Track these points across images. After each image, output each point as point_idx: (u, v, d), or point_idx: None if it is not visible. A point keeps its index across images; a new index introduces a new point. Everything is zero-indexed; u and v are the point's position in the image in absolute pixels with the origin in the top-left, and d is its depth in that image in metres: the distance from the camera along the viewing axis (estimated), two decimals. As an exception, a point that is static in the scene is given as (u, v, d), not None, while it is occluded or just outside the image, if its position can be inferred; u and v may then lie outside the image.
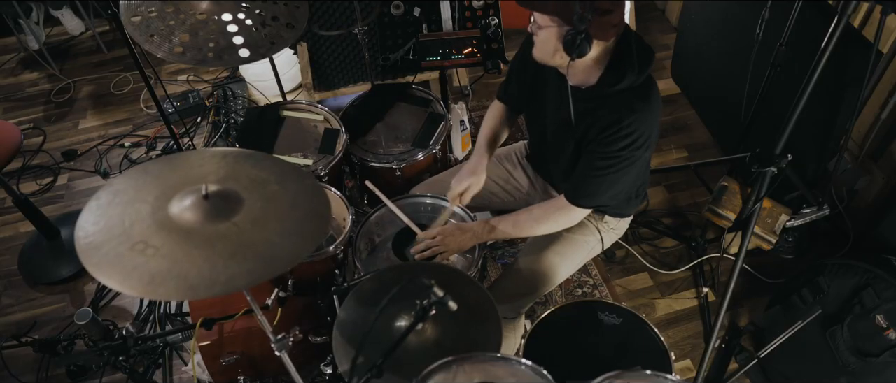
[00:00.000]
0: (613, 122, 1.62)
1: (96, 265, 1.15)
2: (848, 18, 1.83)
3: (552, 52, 1.59)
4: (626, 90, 1.61)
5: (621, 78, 1.59)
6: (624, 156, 1.65)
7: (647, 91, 1.64)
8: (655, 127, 1.68)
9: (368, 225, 2.02)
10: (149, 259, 1.16)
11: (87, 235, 1.20)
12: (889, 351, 1.92)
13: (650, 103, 1.64)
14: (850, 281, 2.05)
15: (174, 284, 1.13)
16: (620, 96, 1.62)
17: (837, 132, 2.27)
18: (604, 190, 1.73)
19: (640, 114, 1.61)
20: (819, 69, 1.92)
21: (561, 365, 1.51)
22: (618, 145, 1.63)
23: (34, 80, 3.62)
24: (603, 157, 1.67)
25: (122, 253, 1.16)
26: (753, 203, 2.27)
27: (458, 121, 2.72)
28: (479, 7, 2.55)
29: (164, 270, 1.14)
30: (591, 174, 1.71)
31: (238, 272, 1.16)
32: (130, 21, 1.90)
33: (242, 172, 1.37)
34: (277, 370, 2.16)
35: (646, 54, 1.62)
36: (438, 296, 1.33)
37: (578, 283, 2.64)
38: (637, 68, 1.58)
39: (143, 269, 1.14)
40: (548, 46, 1.59)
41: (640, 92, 1.63)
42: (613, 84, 1.61)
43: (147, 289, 1.13)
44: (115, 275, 1.14)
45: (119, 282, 1.13)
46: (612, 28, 1.54)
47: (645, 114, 1.62)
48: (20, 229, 2.92)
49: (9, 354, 2.47)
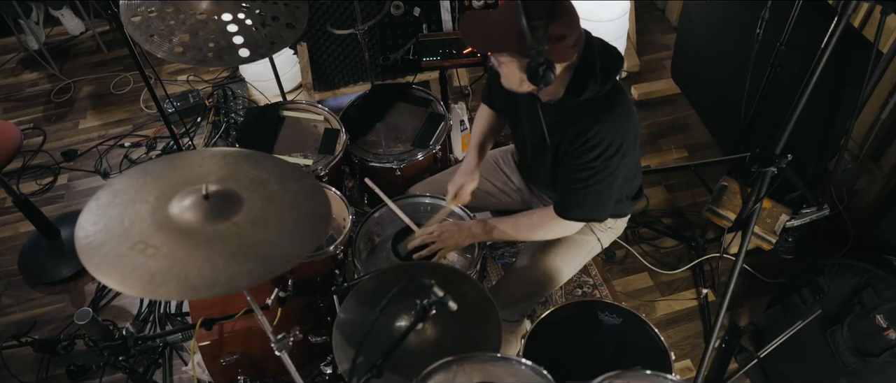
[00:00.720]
0: (580, 134, 1.62)
1: (96, 265, 1.15)
2: (848, 18, 1.83)
3: (518, 82, 1.60)
4: (588, 101, 1.60)
5: (583, 89, 1.58)
6: (598, 167, 1.64)
7: (611, 100, 1.62)
8: (627, 134, 1.65)
9: (368, 225, 2.02)
10: (149, 259, 1.16)
11: (87, 235, 1.20)
12: (889, 351, 1.92)
13: (614, 112, 1.62)
14: (850, 281, 2.05)
15: (175, 284, 1.13)
16: (584, 107, 1.61)
17: (837, 132, 2.27)
18: (589, 202, 1.71)
19: (604, 123, 1.60)
20: (819, 69, 1.92)
21: (561, 365, 1.51)
22: (588, 156, 1.63)
23: (34, 80, 3.62)
24: (578, 169, 1.66)
25: (123, 253, 1.16)
26: (753, 203, 2.27)
27: (458, 121, 2.72)
28: (478, 7, 2.55)
29: (164, 270, 1.14)
30: (571, 187, 1.71)
31: (239, 272, 1.16)
32: (130, 21, 1.90)
33: (242, 172, 1.37)
34: (277, 370, 2.16)
35: (610, 63, 1.60)
36: (438, 296, 1.33)
37: (578, 283, 2.64)
38: (600, 78, 1.57)
39: (143, 269, 1.14)
40: (513, 78, 1.60)
41: (603, 102, 1.61)
42: (576, 96, 1.60)
43: (147, 289, 1.13)
44: (115, 274, 1.13)
45: (119, 282, 1.13)
46: (571, 48, 1.53)
47: (610, 124, 1.61)
48: (20, 229, 2.92)
49: (9, 354, 2.48)
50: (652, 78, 3.40)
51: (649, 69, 3.45)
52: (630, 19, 3.26)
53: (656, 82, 3.36)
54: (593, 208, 1.74)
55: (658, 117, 3.25)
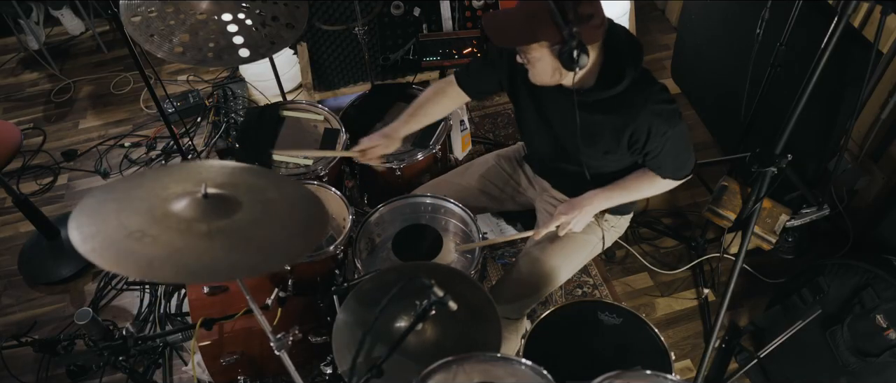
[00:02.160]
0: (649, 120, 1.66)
1: (92, 250, 1.13)
2: (848, 18, 1.83)
3: (551, 73, 1.61)
4: (632, 86, 1.64)
5: (622, 76, 1.61)
6: (681, 128, 1.72)
7: (647, 77, 1.69)
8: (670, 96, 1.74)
9: (368, 225, 2.02)
10: (146, 246, 1.15)
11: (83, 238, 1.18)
12: (889, 351, 1.92)
13: (657, 84, 1.70)
14: (850, 281, 2.05)
15: (172, 269, 1.12)
16: (633, 94, 1.65)
17: (837, 132, 2.27)
18: (686, 156, 1.80)
19: (660, 94, 1.68)
20: (819, 69, 1.91)
21: (561, 365, 1.51)
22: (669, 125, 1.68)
23: (34, 80, 3.62)
24: (668, 139, 1.70)
25: (119, 239, 1.15)
26: (753, 203, 2.27)
27: (458, 121, 2.72)
28: (479, 7, 2.56)
29: (162, 256, 1.14)
30: (673, 153, 1.76)
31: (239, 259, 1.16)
32: (130, 21, 1.90)
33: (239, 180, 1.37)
34: (277, 370, 2.17)
35: (637, 48, 1.66)
36: (438, 296, 1.33)
37: (578, 283, 2.64)
38: (633, 63, 1.62)
39: (139, 255, 1.13)
40: (545, 70, 1.61)
41: (643, 81, 1.67)
42: (616, 84, 1.62)
43: (144, 271, 1.11)
44: (111, 257, 1.12)
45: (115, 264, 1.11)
46: (599, 28, 1.55)
47: (661, 93, 1.69)
48: (20, 229, 2.92)
49: (9, 354, 2.48)
50: (652, 78, 3.40)
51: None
52: (630, 19, 3.26)
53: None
54: (690, 160, 1.82)
55: (658, 117, 3.25)
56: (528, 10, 1.53)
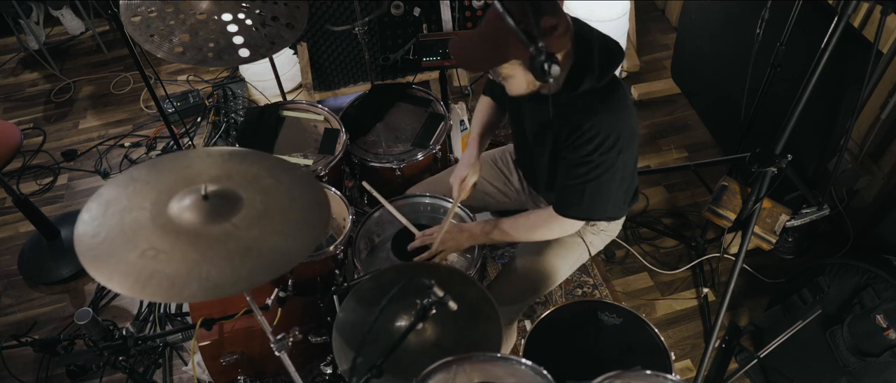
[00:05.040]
0: (576, 127, 1.60)
1: (108, 276, 1.11)
2: (848, 18, 1.83)
3: (526, 84, 1.61)
4: (585, 93, 1.59)
5: (580, 82, 1.58)
6: (595, 161, 1.62)
7: (607, 93, 1.61)
8: (623, 129, 1.63)
9: (368, 225, 2.02)
10: (161, 264, 1.12)
11: (90, 249, 1.16)
12: (889, 351, 1.92)
13: (611, 104, 1.60)
14: (850, 281, 2.05)
15: (198, 286, 1.09)
16: (581, 100, 1.60)
17: (837, 132, 2.27)
18: (589, 199, 1.68)
19: (600, 115, 1.59)
20: (819, 69, 1.92)
21: (561, 365, 1.51)
22: (585, 150, 1.61)
23: (34, 80, 3.62)
24: (575, 164, 1.65)
25: (133, 261, 1.13)
26: (753, 203, 2.27)
27: (458, 121, 2.72)
28: (479, 7, 2.56)
29: (183, 273, 1.11)
30: (569, 183, 1.69)
31: (257, 266, 1.15)
32: (130, 21, 1.90)
33: (236, 171, 1.36)
34: (277, 370, 2.17)
35: (609, 56, 1.60)
36: (438, 296, 1.33)
37: (578, 283, 2.64)
38: (597, 71, 1.57)
39: (161, 275, 1.11)
40: (519, 84, 1.61)
41: (600, 94, 1.60)
42: (573, 89, 1.59)
43: (170, 293, 1.09)
44: (128, 281, 1.10)
45: (133, 288, 1.09)
46: (564, 36, 1.52)
47: (606, 116, 1.59)
48: (20, 229, 2.92)
49: (9, 354, 2.48)
50: (652, 78, 3.40)
51: (649, 69, 3.45)
52: (630, 19, 3.26)
53: (656, 82, 3.36)
54: (593, 205, 1.70)
55: (658, 117, 3.25)
56: (489, 32, 1.52)
